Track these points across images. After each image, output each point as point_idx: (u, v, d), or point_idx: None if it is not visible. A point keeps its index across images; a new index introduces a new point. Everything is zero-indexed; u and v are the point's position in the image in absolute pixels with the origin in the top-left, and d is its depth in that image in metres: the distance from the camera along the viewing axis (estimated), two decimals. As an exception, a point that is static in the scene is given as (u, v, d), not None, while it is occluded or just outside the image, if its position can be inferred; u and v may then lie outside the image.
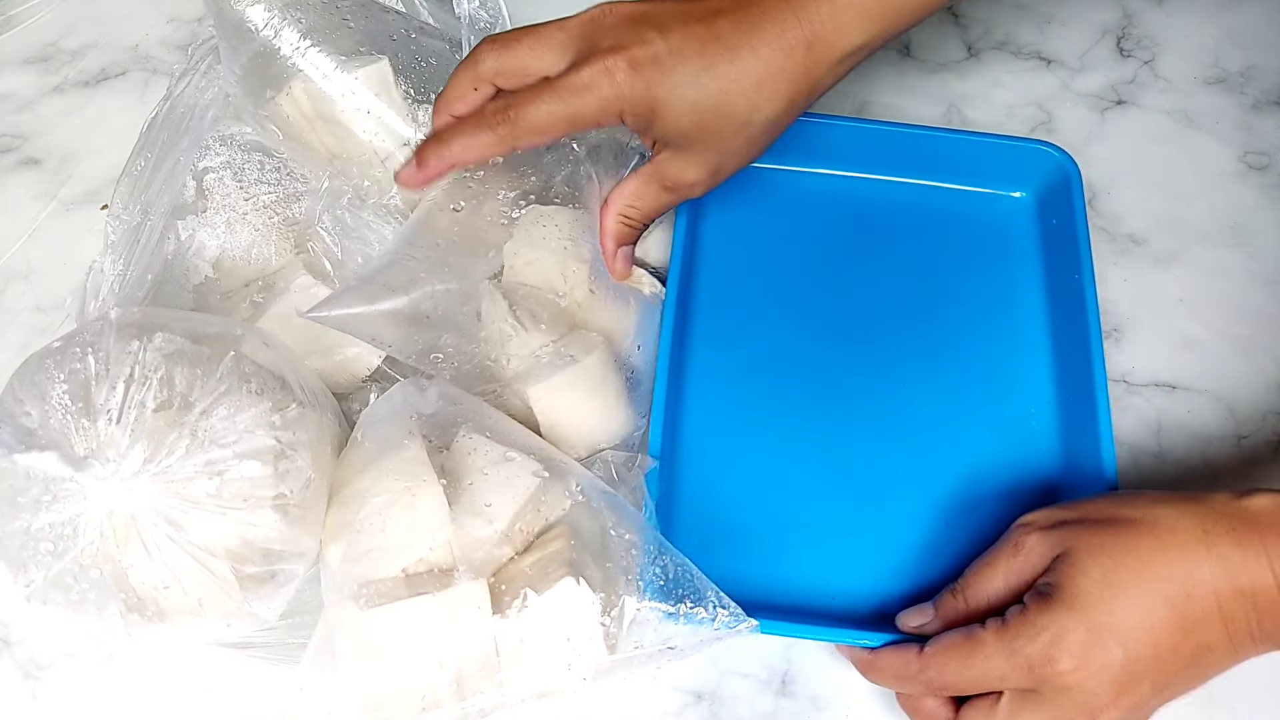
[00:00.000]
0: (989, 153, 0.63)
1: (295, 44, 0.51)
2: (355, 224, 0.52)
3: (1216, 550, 0.41)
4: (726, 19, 0.47)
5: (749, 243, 0.62)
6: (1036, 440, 0.56)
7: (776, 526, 0.53)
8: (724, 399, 0.56)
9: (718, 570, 0.46)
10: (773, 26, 0.47)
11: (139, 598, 0.40)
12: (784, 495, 0.54)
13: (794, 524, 0.53)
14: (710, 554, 0.48)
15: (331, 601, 0.43)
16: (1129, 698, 0.41)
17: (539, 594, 0.42)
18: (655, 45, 0.46)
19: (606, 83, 0.46)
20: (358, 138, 0.53)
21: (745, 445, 0.55)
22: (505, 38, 0.49)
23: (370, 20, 0.54)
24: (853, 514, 0.53)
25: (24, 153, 0.68)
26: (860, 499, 0.54)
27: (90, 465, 0.37)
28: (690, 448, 0.55)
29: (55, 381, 0.40)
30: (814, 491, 0.54)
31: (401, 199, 0.55)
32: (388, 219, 0.53)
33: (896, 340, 0.59)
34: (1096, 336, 0.55)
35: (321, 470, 0.44)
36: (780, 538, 0.53)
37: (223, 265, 0.54)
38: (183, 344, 0.42)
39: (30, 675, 0.50)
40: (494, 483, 0.45)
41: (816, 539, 0.53)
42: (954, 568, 0.47)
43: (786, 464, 0.55)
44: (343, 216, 0.52)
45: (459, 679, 0.42)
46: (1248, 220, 0.65)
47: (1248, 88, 0.70)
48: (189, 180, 0.53)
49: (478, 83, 0.49)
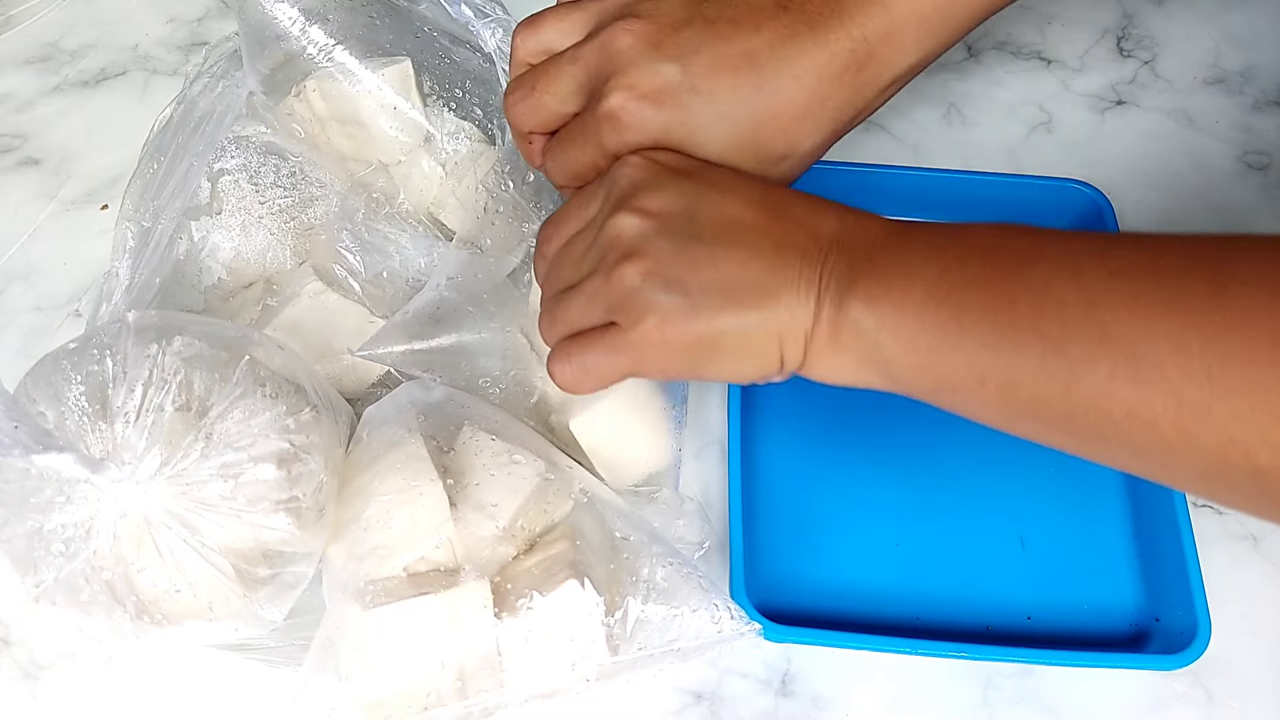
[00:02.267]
0: (1022, 193, 0.61)
1: (322, 43, 0.51)
2: (374, 238, 0.52)
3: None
4: (764, 35, 0.41)
5: None
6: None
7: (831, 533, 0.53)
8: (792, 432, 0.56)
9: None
10: (819, 48, 0.41)
11: (149, 601, 0.40)
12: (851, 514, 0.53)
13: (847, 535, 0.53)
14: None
15: (335, 600, 0.43)
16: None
17: (543, 595, 0.42)
18: (673, 78, 0.41)
19: (612, 133, 0.42)
20: (375, 137, 0.53)
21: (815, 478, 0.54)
22: (531, 20, 0.46)
23: (395, 17, 0.54)
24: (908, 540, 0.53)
25: (24, 153, 0.68)
26: (919, 533, 0.53)
27: (106, 467, 0.37)
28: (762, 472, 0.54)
29: (72, 383, 0.40)
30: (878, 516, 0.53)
31: (412, 203, 0.55)
32: (403, 227, 0.53)
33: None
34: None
35: (333, 473, 0.45)
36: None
37: (235, 268, 0.54)
38: (201, 348, 0.42)
39: (30, 675, 0.50)
40: (498, 482, 0.45)
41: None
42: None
43: (859, 498, 0.54)
44: (360, 233, 0.52)
45: (462, 678, 0.42)
46: (1248, 220, 0.65)
47: (1248, 88, 0.70)
48: (204, 182, 0.53)
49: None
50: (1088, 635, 0.50)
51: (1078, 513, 0.53)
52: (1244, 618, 0.51)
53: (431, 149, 0.55)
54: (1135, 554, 0.52)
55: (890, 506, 0.53)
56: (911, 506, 0.53)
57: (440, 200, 0.56)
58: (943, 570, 0.52)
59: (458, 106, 0.55)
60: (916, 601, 0.51)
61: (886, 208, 0.59)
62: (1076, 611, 0.51)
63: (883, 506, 0.53)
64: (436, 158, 0.55)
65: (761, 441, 0.55)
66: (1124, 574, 0.52)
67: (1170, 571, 0.49)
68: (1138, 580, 0.51)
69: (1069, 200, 0.61)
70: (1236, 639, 0.50)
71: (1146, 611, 0.51)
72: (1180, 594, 0.48)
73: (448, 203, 0.56)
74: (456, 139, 0.55)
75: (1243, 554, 0.53)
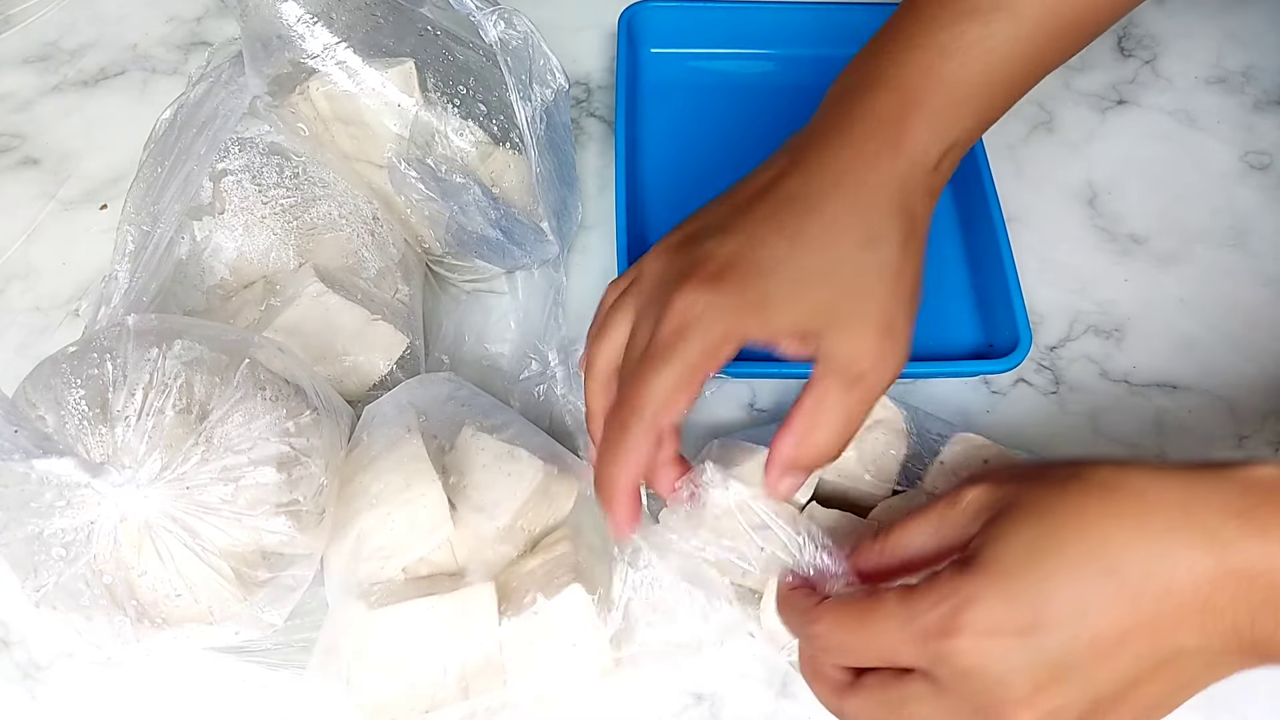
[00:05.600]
0: (882, 19, 0.65)
1: (326, 42, 0.51)
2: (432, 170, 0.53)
3: (1199, 520, 0.32)
4: (791, 180, 0.41)
5: (685, 126, 0.68)
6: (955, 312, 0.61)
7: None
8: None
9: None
10: (858, 166, 0.40)
11: (149, 604, 0.40)
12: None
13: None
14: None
15: (337, 601, 0.43)
16: (1050, 698, 0.32)
17: (547, 599, 0.42)
18: (716, 251, 0.39)
19: (693, 322, 0.38)
20: (378, 136, 0.53)
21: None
22: (595, 330, 0.44)
23: (398, 16, 0.54)
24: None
25: (23, 152, 0.68)
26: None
27: (107, 471, 0.37)
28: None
29: (72, 386, 0.40)
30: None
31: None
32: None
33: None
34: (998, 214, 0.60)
35: (334, 475, 0.45)
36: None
37: (238, 268, 0.54)
38: (201, 351, 0.42)
39: (29, 675, 0.50)
40: (498, 481, 0.45)
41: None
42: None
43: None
44: (424, 166, 0.52)
45: (464, 679, 0.42)
46: (1248, 220, 0.65)
47: (1248, 87, 0.70)
48: (206, 182, 0.53)
49: (607, 394, 0.43)
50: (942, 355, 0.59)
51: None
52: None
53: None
54: (974, 301, 0.62)
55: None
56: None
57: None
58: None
59: (461, 104, 0.55)
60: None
61: (782, 45, 0.70)
62: (932, 349, 0.59)
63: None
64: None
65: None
66: (966, 316, 0.61)
67: (999, 308, 0.59)
68: (976, 321, 0.61)
69: None
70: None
71: (983, 340, 0.60)
72: (1006, 322, 0.57)
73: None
74: (460, 137, 0.55)
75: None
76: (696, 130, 0.68)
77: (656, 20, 0.69)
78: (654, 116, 0.68)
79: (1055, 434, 0.57)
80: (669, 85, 0.69)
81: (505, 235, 0.56)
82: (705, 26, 0.70)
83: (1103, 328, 0.61)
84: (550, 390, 0.57)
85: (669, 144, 0.67)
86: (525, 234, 0.57)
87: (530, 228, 0.57)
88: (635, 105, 0.68)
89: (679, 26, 0.70)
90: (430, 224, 0.56)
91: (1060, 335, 0.61)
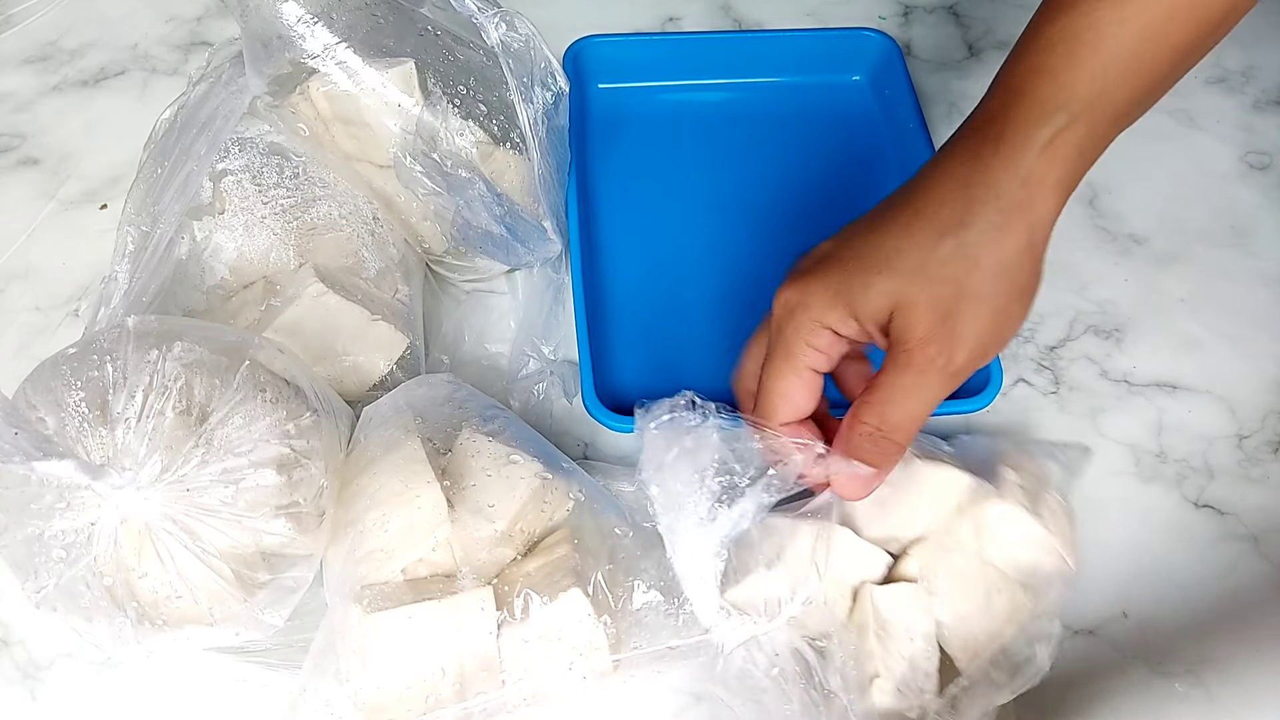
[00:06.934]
0: (825, 44, 0.71)
1: (327, 42, 0.51)
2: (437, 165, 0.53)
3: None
4: (900, 190, 0.43)
5: (636, 159, 0.68)
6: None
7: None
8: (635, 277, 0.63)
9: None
10: (954, 164, 0.42)
11: (149, 606, 0.40)
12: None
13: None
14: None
15: (335, 604, 0.43)
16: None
17: (545, 602, 0.42)
18: (815, 252, 0.43)
19: (787, 315, 0.42)
20: (379, 137, 0.53)
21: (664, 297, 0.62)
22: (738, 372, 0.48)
23: (398, 16, 0.54)
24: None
25: (23, 152, 0.68)
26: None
27: (107, 473, 0.37)
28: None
29: (72, 388, 0.40)
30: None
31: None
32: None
33: (771, 211, 0.65)
34: None
35: (333, 477, 0.45)
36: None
37: (238, 268, 0.54)
38: (201, 353, 0.42)
39: (29, 676, 0.50)
40: (497, 484, 0.45)
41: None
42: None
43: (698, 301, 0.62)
44: (429, 161, 0.52)
45: (461, 681, 0.42)
46: (1248, 220, 0.65)
47: (1248, 88, 0.70)
48: (206, 182, 0.53)
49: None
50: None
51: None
52: (1244, 618, 0.51)
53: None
54: None
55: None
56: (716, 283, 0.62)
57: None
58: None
59: (461, 104, 0.55)
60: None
61: (713, 73, 0.72)
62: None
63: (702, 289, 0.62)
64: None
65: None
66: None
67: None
68: None
69: (863, 48, 0.71)
70: (1237, 639, 0.50)
71: None
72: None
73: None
74: (461, 137, 0.55)
75: (1243, 554, 0.53)
76: (647, 162, 0.68)
77: (601, 55, 0.70)
78: (604, 151, 0.68)
79: (1055, 434, 0.57)
80: (618, 119, 0.70)
81: (510, 231, 0.56)
82: (650, 59, 0.71)
83: (1103, 328, 0.61)
84: (549, 389, 0.57)
85: (621, 177, 0.67)
86: (529, 231, 0.57)
87: (533, 225, 0.57)
88: (585, 141, 0.68)
89: (623, 60, 0.70)
90: (436, 219, 0.56)
91: (1060, 335, 0.61)
